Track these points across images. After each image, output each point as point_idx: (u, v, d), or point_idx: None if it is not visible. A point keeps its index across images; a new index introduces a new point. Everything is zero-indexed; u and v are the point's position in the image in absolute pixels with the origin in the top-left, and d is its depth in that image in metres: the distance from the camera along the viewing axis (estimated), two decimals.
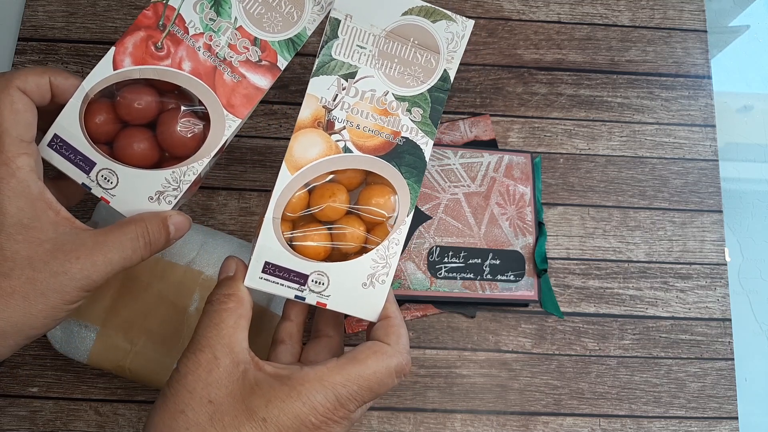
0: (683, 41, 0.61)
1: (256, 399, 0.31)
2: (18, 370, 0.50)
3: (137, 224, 0.35)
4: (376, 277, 0.36)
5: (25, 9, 0.57)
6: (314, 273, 0.35)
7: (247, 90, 0.37)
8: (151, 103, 0.37)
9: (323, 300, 0.35)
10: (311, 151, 0.36)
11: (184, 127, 0.37)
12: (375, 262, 0.36)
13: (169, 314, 0.46)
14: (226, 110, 0.37)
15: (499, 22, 0.60)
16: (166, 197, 0.36)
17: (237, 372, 0.32)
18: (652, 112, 0.59)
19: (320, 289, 0.35)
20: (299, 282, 0.35)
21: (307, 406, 0.31)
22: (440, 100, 0.37)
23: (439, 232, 0.52)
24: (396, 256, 0.36)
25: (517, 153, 0.55)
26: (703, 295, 0.56)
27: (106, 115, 0.37)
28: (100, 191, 0.36)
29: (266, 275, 0.35)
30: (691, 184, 0.58)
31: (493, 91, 0.58)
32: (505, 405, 0.52)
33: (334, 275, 0.35)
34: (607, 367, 0.54)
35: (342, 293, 0.35)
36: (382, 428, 0.51)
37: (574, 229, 0.56)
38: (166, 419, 0.31)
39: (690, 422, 0.53)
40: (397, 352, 0.34)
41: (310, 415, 0.31)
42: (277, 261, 0.35)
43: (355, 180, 0.37)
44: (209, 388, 0.31)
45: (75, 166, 0.36)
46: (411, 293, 0.50)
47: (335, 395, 0.32)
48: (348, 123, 0.36)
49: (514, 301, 0.52)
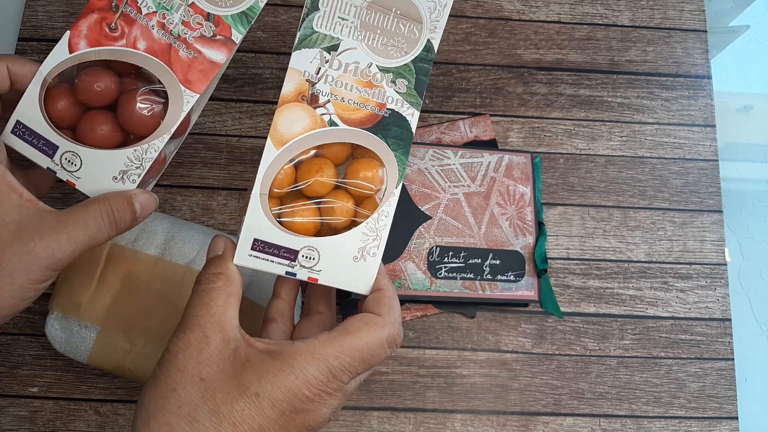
0: (683, 41, 0.61)
1: (248, 375, 0.31)
2: (18, 370, 0.50)
3: (101, 203, 0.35)
4: (367, 250, 0.35)
5: (25, 9, 0.57)
6: (304, 248, 0.35)
7: (203, 65, 0.38)
8: (110, 85, 0.37)
9: (314, 275, 0.35)
10: (296, 125, 0.35)
11: (144, 107, 0.37)
12: (365, 235, 0.35)
13: (169, 314, 0.46)
14: (184, 86, 0.37)
15: (499, 22, 0.60)
16: (130, 176, 0.37)
17: (228, 349, 0.32)
18: (652, 112, 0.59)
19: (311, 265, 0.35)
20: (289, 258, 0.35)
21: (299, 379, 0.31)
22: (425, 71, 0.37)
23: (439, 232, 0.52)
24: (386, 228, 0.36)
25: (517, 153, 0.55)
26: (703, 295, 0.56)
27: (67, 100, 0.37)
28: (65, 174, 0.36)
29: (256, 252, 0.34)
30: (691, 184, 0.58)
31: (493, 91, 0.58)
32: (505, 405, 0.52)
33: (325, 250, 0.35)
34: (607, 367, 0.54)
35: (333, 268, 0.35)
36: (382, 428, 0.51)
37: (574, 229, 0.56)
38: (158, 399, 0.31)
39: (690, 422, 0.53)
40: (389, 323, 0.34)
41: (303, 388, 0.31)
42: (266, 238, 0.34)
43: (342, 154, 0.37)
44: (200, 366, 0.31)
45: (39, 151, 0.36)
46: (411, 293, 0.50)
47: (328, 367, 0.32)
48: (332, 96, 0.36)
49: (514, 301, 0.52)
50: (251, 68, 0.57)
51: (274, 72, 0.56)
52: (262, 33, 0.57)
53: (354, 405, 0.51)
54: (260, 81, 0.56)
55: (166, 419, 0.30)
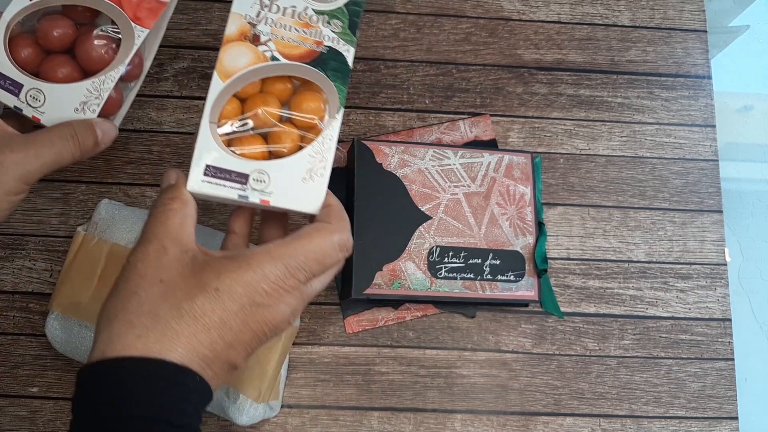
0: (683, 41, 0.61)
1: (207, 273, 0.33)
2: (18, 370, 0.50)
3: (65, 126, 0.39)
4: (315, 171, 0.37)
5: None
6: (255, 172, 0.37)
7: (152, 4, 0.42)
8: (67, 31, 0.41)
9: (266, 197, 0.37)
10: (240, 60, 0.38)
11: (99, 44, 0.41)
12: (312, 156, 0.37)
13: None
14: (134, 23, 0.42)
15: (499, 22, 0.60)
16: (90, 106, 0.40)
17: (186, 257, 0.33)
18: (652, 112, 0.59)
19: (262, 187, 0.37)
20: (241, 182, 0.36)
21: (257, 274, 0.33)
22: (357, 13, 0.40)
23: (439, 232, 0.52)
24: (331, 151, 0.38)
25: (517, 153, 0.55)
26: (703, 295, 0.56)
27: (30, 47, 0.40)
28: (30, 111, 0.39)
29: (208, 178, 0.36)
30: (691, 184, 0.58)
31: (493, 91, 0.58)
32: (505, 405, 0.52)
33: (274, 172, 0.37)
34: (607, 367, 0.54)
35: (283, 189, 0.37)
36: (382, 428, 0.51)
37: (574, 229, 0.56)
38: (119, 303, 0.32)
39: (690, 422, 0.53)
40: (339, 228, 0.36)
41: (261, 282, 0.33)
42: (217, 163, 0.36)
43: (285, 92, 0.39)
44: (160, 270, 0.33)
45: (6, 92, 0.39)
46: (411, 293, 0.50)
47: (284, 265, 0.33)
48: (273, 36, 0.38)
49: (514, 301, 0.52)
50: None
51: None
52: None
53: (354, 405, 0.51)
54: None
55: (127, 318, 0.31)
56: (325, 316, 0.53)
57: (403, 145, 0.53)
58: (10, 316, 0.51)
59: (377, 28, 0.59)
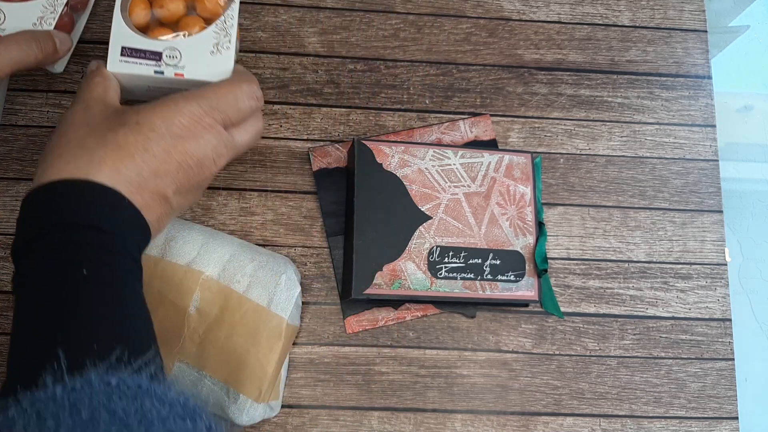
0: (683, 41, 0.61)
1: (128, 113, 0.38)
2: None
3: (28, 31, 0.43)
4: (221, 45, 0.42)
5: None
6: (167, 50, 0.42)
7: None
8: None
9: (180, 71, 0.41)
10: None
11: None
12: (216, 33, 0.42)
13: (169, 314, 0.46)
14: None
15: (499, 22, 0.60)
16: (47, 20, 0.45)
17: (109, 111, 0.38)
18: (652, 112, 0.59)
19: (175, 62, 0.42)
20: (155, 59, 0.41)
21: (173, 109, 0.37)
22: None
23: (440, 232, 0.52)
24: (234, 27, 0.43)
25: (517, 153, 0.55)
26: (704, 295, 0.56)
27: None
28: None
29: (125, 58, 0.41)
30: (691, 184, 0.58)
31: (493, 91, 0.58)
32: (505, 405, 0.52)
33: (185, 49, 0.42)
34: (607, 367, 0.54)
35: (195, 63, 0.42)
36: (382, 428, 0.51)
37: (574, 229, 0.56)
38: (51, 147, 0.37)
39: (690, 422, 0.53)
40: (246, 79, 0.41)
41: (177, 115, 0.37)
42: (131, 44, 0.41)
43: None
44: (87, 117, 0.38)
45: None
46: (411, 293, 0.50)
47: (197, 103, 0.38)
48: None
49: (515, 301, 0.52)
50: (251, 68, 0.57)
51: (275, 72, 0.56)
52: (262, 33, 0.57)
53: (354, 405, 0.51)
54: (260, 81, 0.56)
55: (58, 152, 0.36)
56: (325, 316, 0.53)
57: (403, 145, 0.53)
58: (10, 316, 0.51)
59: (377, 28, 0.59)
